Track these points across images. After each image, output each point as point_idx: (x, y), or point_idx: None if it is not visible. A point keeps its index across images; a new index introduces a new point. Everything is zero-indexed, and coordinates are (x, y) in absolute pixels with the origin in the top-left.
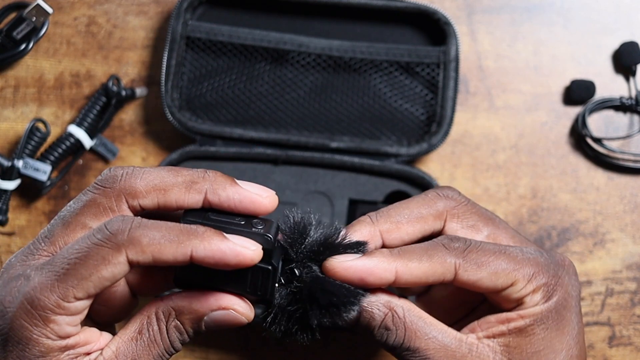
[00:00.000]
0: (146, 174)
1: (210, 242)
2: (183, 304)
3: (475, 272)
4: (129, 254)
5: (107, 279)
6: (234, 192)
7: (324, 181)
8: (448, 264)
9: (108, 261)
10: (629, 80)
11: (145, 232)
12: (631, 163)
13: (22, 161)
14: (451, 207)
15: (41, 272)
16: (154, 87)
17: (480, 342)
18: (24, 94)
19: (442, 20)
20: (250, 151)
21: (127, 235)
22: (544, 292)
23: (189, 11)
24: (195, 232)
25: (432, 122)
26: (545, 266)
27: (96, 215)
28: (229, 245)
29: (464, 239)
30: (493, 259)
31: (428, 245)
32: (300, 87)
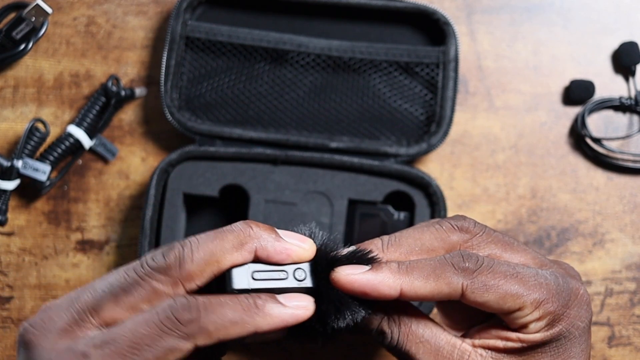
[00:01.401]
0: (196, 253)
1: (272, 317)
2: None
3: (482, 294)
4: (198, 342)
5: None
6: (281, 247)
7: (324, 181)
8: (455, 285)
9: (175, 348)
10: (628, 80)
11: (212, 319)
12: (630, 163)
13: (21, 161)
14: (465, 240)
15: (101, 350)
16: (154, 87)
17: (474, 350)
18: (24, 94)
19: (442, 20)
20: (250, 151)
21: (197, 326)
22: (549, 320)
23: (189, 11)
24: (256, 309)
25: (431, 122)
26: (557, 294)
27: (151, 301)
28: (288, 313)
29: (476, 258)
30: (503, 282)
31: (437, 264)
32: (299, 87)
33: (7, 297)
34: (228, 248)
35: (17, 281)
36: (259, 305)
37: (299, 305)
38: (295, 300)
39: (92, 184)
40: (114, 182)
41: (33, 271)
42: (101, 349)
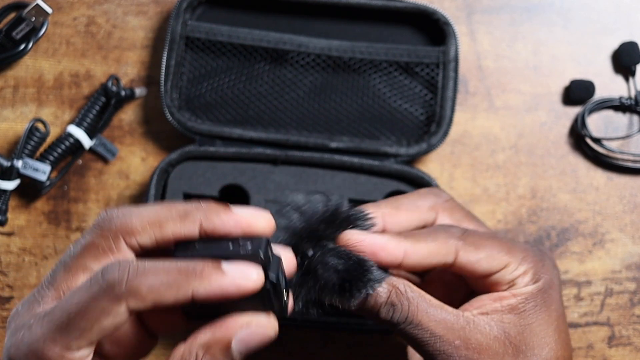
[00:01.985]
0: (141, 211)
1: (209, 281)
2: (206, 338)
3: (474, 253)
4: (129, 304)
5: (107, 329)
6: (228, 217)
7: (324, 181)
8: (450, 245)
9: (108, 312)
10: (628, 80)
11: (144, 280)
12: (630, 163)
13: (21, 161)
14: (441, 203)
15: (42, 322)
16: (154, 87)
17: (476, 317)
18: (24, 94)
19: (442, 20)
20: (250, 151)
21: (125, 286)
22: (533, 274)
23: (189, 11)
24: (193, 272)
25: (431, 122)
26: (532, 253)
27: (96, 257)
28: (228, 280)
29: (458, 227)
30: (489, 242)
31: (430, 229)
32: (299, 87)
33: (7, 297)
34: (172, 215)
35: (17, 281)
36: (196, 269)
37: (244, 274)
38: (240, 270)
39: (92, 184)
40: (114, 182)
41: (33, 271)
42: (41, 320)
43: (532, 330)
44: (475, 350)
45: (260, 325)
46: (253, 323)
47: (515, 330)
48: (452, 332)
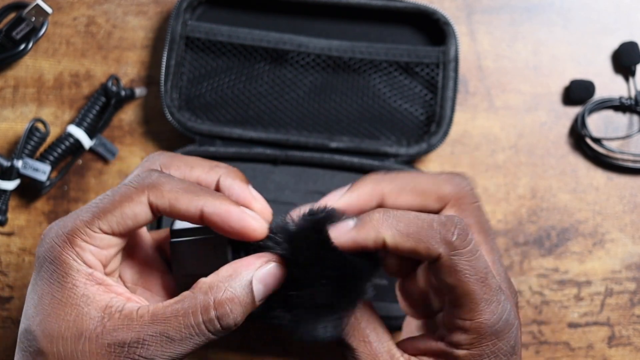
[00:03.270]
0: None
1: (222, 202)
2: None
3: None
4: (150, 196)
5: (128, 217)
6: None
7: (324, 181)
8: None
9: (131, 199)
10: (628, 80)
11: (168, 181)
12: (630, 163)
13: (21, 161)
14: (456, 196)
15: (78, 210)
16: (154, 87)
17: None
18: (24, 94)
19: (442, 20)
20: (250, 151)
21: (152, 180)
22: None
23: (189, 11)
24: (210, 191)
25: (431, 122)
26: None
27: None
28: (237, 210)
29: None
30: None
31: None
32: (299, 87)
33: (7, 297)
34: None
35: (17, 281)
36: (214, 192)
37: (253, 215)
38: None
39: (92, 184)
40: (114, 182)
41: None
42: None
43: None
44: None
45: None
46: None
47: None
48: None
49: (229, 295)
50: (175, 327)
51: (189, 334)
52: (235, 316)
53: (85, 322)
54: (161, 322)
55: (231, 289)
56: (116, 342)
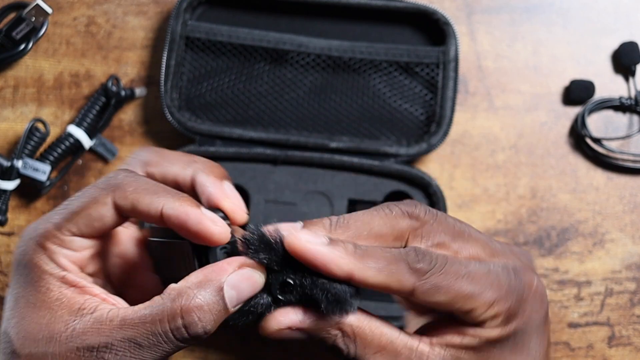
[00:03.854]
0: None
1: (180, 203)
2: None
3: (433, 295)
4: (115, 197)
5: (94, 219)
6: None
7: (324, 181)
8: (405, 283)
9: (97, 201)
10: (628, 80)
11: (132, 181)
12: (630, 163)
13: (21, 161)
14: (414, 228)
15: (50, 212)
16: (154, 87)
17: (432, 349)
18: (24, 94)
19: (442, 21)
20: (250, 151)
21: (117, 181)
22: (504, 317)
23: (189, 11)
24: (172, 192)
25: (431, 122)
26: (510, 291)
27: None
28: (196, 213)
29: (430, 258)
30: (454, 282)
31: (392, 258)
32: (299, 87)
33: None
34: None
35: None
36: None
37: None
38: (212, 214)
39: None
40: None
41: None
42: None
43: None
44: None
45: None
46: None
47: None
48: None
49: (197, 303)
50: (143, 334)
51: (157, 342)
52: (204, 324)
53: (56, 324)
54: (130, 327)
55: (200, 296)
56: (85, 346)
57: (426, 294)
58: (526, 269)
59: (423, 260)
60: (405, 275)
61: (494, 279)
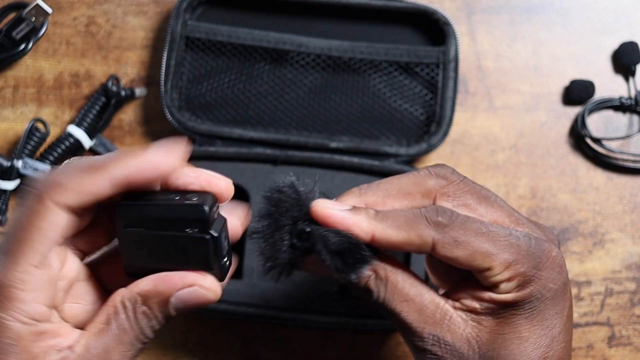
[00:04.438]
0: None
1: (125, 162)
2: (148, 289)
3: (452, 250)
4: (55, 198)
5: (47, 230)
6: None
7: (324, 181)
8: (425, 238)
9: (37, 212)
10: (628, 80)
11: (63, 172)
12: (630, 163)
13: (21, 161)
14: (442, 186)
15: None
16: (154, 87)
17: (455, 312)
18: (24, 94)
19: (442, 21)
20: (250, 151)
21: (44, 183)
22: (519, 281)
23: (189, 11)
24: (110, 158)
25: (431, 122)
26: (527, 255)
27: None
28: (146, 157)
29: (450, 213)
30: (474, 239)
31: (411, 215)
32: (299, 87)
33: None
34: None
35: None
36: (115, 155)
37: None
38: (161, 149)
39: None
40: None
41: None
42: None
43: (506, 342)
44: (443, 349)
45: (205, 286)
46: (198, 282)
47: (487, 337)
48: (424, 325)
49: (142, 310)
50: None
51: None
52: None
53: None
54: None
55: (145, 306)
56: None
57: (446, 248)
58: (548, 240)
59: (443, 215)
60: (425, 230)
61: (514, 242)
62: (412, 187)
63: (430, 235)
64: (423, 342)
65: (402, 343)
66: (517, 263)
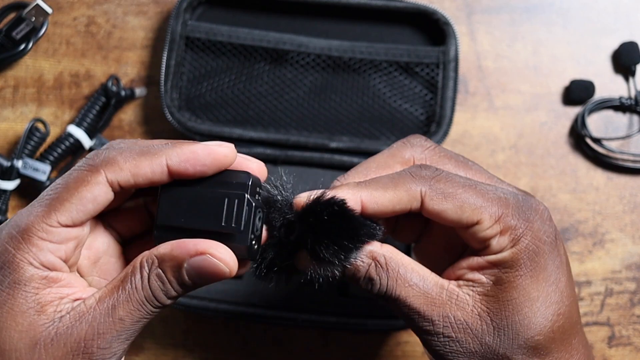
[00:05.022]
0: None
1: (182, 148)
2: (165, 252)
3: (440, 202)
4: (108, 174)
5: (88, 200)
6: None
7: (324, 181)
8: (414, 192)
9: (87, 182)
10: (628, 80)
11: (121, 151)
12: (630, 163)
13: (21, 161)
14: (418, 154)
15: (28, 206)
16: (154, 87)
17: (460, 289)
18: (24, 94)
19: (442, 21)
20: (250, 151)
21: (102, 157)
22: (512, 235)
23: (189, 11)
24: (167, 143)
25: (431, 122)
26: (516, 208)
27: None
28: (200, 146)
29: (434, 168)
30: (461, 191)
31: (395, 174)
32: (299, 87)
33: None
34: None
35: None
36: (166, 143)
37: (216, 143)
38: (213, 142)
39: None
40: None
41: None
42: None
43: (518, 307)
44: (455, 329)
45: (217, 256)
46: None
47: (498, 307)
48: (432, 308)
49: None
50: (125, 308)
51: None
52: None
53: (37, 329)
54: (110, 307)
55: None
56: (72, 342)
57: (434, 201)
58: (532, 197)
59: (427, 169)
60: (411, 184)
61: (501, 195)
62: (389, 160)
63: (417, 189)
64: (434, 325)
65: (402, 343)
66: (506, 216)
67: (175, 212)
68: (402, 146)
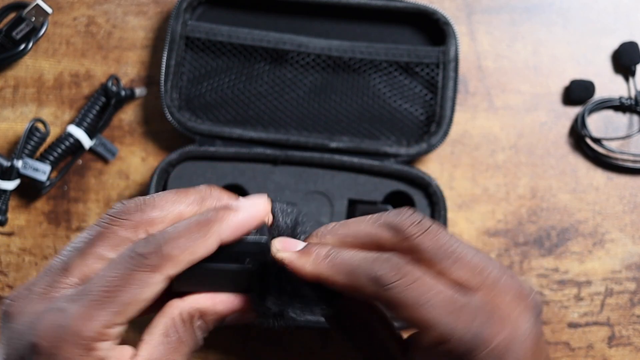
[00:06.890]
0: (158, 201)
1: (228, 221)
2: (207, 306)
3: (392, 308)
4: (167, 272)
5: (147, 300)
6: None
7: (324, 181)
8: (366, 289)
9: (147, 284)
10: (628, 80)
11: (174, 244)
12: (630, 163)
13: (21, 161)
14: (392, 244)
15: (77, 303)
16: (154, 87)
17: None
18: (24, 94)
19: (442, 21)
20: (250, 151)
21: (160, 256)
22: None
23: (189, 11)
24: (213, 219)
25: (431, 122)
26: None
27: (114, 247)
28: (243, 214)
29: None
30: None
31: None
32: (299, 87)
33: None
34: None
35: (17, 281)
36: (213, 216)
37: (253, 203)
38: (247, 201)
39: (92, 184)
40: (114, 182)
41: (33, 271)
42: (77, 302)
43: None
44: None
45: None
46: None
47: None
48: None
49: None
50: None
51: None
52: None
53: None
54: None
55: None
56: None
57: (386, 305)
58: (502, 318)
59: (388, 270)
60: (365, 282)
61: (463, 317)
62: (366, 238)
63: (370, 289)
64: None
65: None
66: (455, 340)
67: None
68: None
